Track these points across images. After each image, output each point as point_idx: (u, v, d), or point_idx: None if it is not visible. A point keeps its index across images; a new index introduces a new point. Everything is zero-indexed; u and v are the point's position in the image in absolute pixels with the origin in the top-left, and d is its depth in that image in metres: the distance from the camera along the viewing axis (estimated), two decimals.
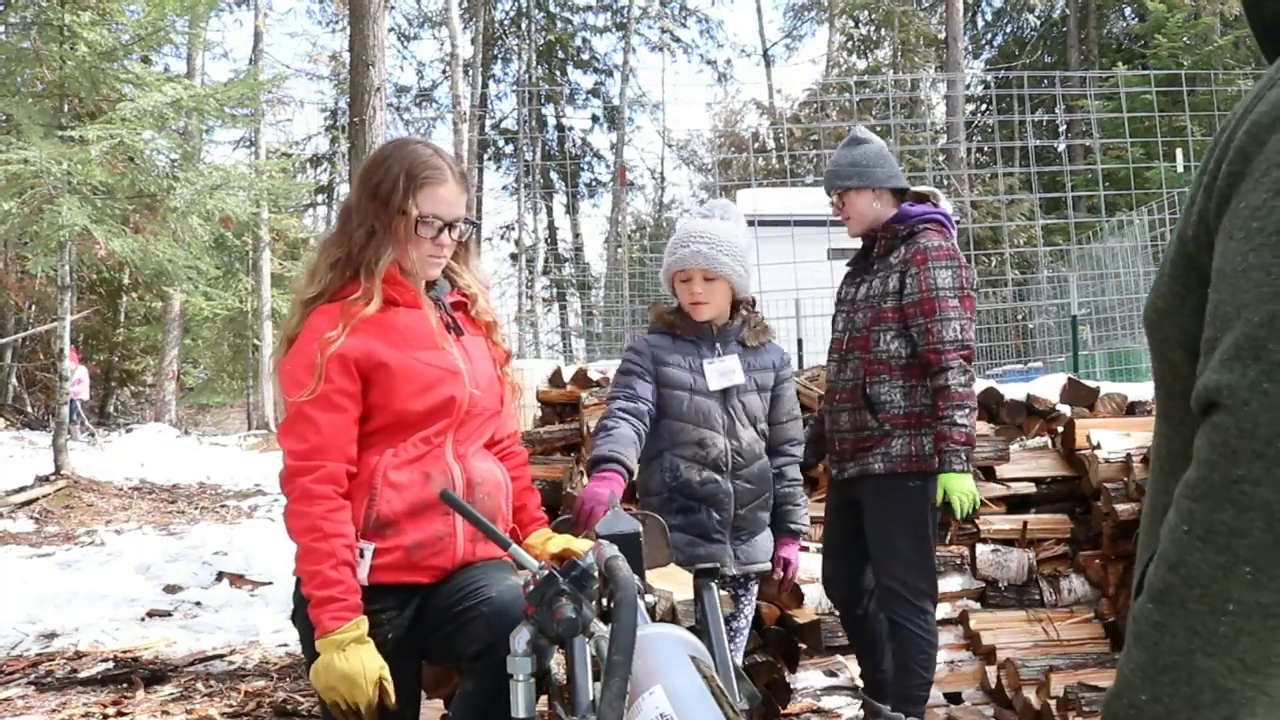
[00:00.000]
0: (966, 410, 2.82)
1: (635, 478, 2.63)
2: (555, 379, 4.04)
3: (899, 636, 2.90)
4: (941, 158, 19.19)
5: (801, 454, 2.83)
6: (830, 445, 3.10)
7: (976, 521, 3.77)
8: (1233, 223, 0.78)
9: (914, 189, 3.07)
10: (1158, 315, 0.90)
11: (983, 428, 3.83)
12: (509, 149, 27.38)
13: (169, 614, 5.47)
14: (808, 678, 3.49)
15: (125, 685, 4.15)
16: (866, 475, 2.93)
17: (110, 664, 4.46)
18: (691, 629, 1.49)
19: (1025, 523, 3.78)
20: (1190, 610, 0.74)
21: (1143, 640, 0.78)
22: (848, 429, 2.98)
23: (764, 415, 2.69)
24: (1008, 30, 27.29)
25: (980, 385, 4.06)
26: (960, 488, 2.79)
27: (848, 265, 3.24)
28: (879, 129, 18.92)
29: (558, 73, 28.68)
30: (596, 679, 1.29)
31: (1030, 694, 3.30)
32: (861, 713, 3.23)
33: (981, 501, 3.74)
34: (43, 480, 10.08)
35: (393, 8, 22.89)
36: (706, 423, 2.59)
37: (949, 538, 3.79)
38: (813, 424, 3.29)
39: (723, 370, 2.63)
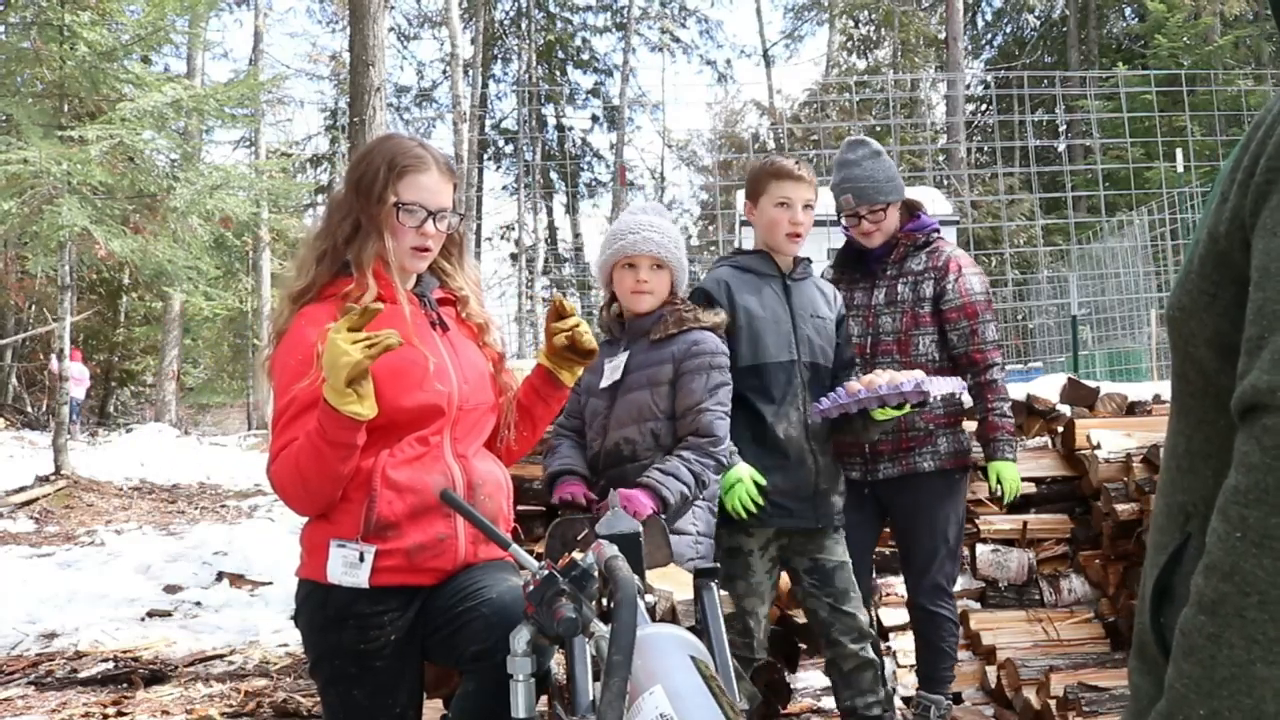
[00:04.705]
0: (1010, 403, 3.11)
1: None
2: None
3: (934, 623, 3.09)
4: (941, 158, 19.18)
5: (706, 446, 2.45)
6: (853, 449, 3.05)
7: (976, 521, 3.77)
8: (1275, 220, 0.76)
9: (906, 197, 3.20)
10: (1183, 313, 0.88)
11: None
12: (509, 149, 27.35)
13: (169, 614, 5.47)
14: (808, 678, 3.49)
15: (125, 685, 4.15)
16: (913, 474, 3.03)
17: (110, 664, 4.46)
18: (691, 629, 1.49)
19: (1025, 523, 3.77)
20: (1248, 619, 0.71)
21: (1196, 653, 0.74)
22: (888, 430, 2.97)
23: (659, 411, 2.49)
24: (1008, 30, 27.25)
25: None
26: (1010, 474, 3.06)
27: (833, 268, 3.27)
28: (879, 129, 18.92)
29: (558, 73, 28.64)
30: (596, 679, 1.29)
31: (1030, 694, 3.30)
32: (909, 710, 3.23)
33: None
34: (43, 480, 10.07)
35: (393, 8, 22.89)
36: (593, 423, 2.60)
37: None
38: None
39: (612, 368, 2.58)
